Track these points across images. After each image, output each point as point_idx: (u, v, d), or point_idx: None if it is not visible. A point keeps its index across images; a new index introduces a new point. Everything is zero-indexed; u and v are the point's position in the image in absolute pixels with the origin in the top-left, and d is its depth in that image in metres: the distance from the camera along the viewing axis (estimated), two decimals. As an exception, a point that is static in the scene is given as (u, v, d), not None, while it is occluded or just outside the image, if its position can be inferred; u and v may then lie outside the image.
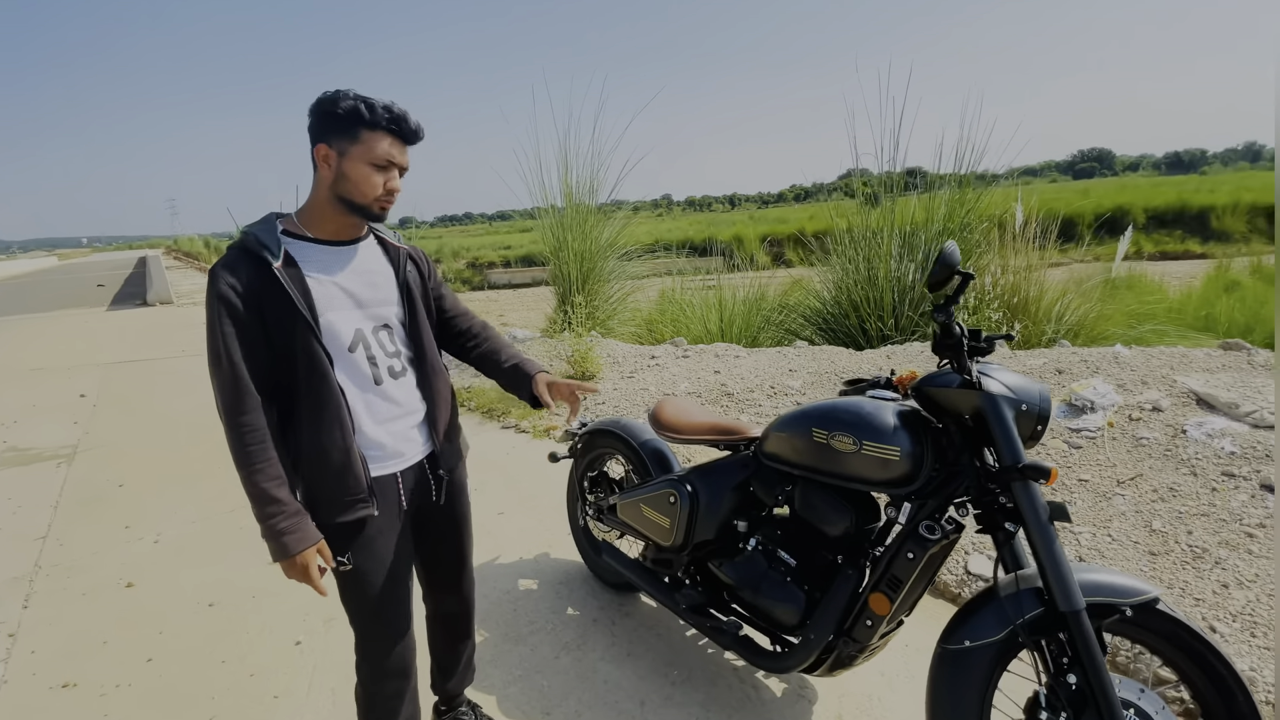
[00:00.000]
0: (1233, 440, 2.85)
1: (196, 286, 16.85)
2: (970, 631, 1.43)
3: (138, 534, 3.23)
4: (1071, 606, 1.32)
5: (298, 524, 1.29)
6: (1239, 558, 2.27)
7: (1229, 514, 2.47)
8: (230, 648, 2.32)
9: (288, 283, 1.28)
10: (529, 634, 2.29)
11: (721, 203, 76.35)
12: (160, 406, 5.58)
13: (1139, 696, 1.35)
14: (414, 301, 1.50)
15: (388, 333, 1.46)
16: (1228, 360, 3.75)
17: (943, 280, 1.37)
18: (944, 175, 6.51)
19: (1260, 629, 2.00)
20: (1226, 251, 19.15)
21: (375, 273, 1.45)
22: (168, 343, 8.75)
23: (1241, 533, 2.37)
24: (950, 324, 1.40)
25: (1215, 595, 2.14)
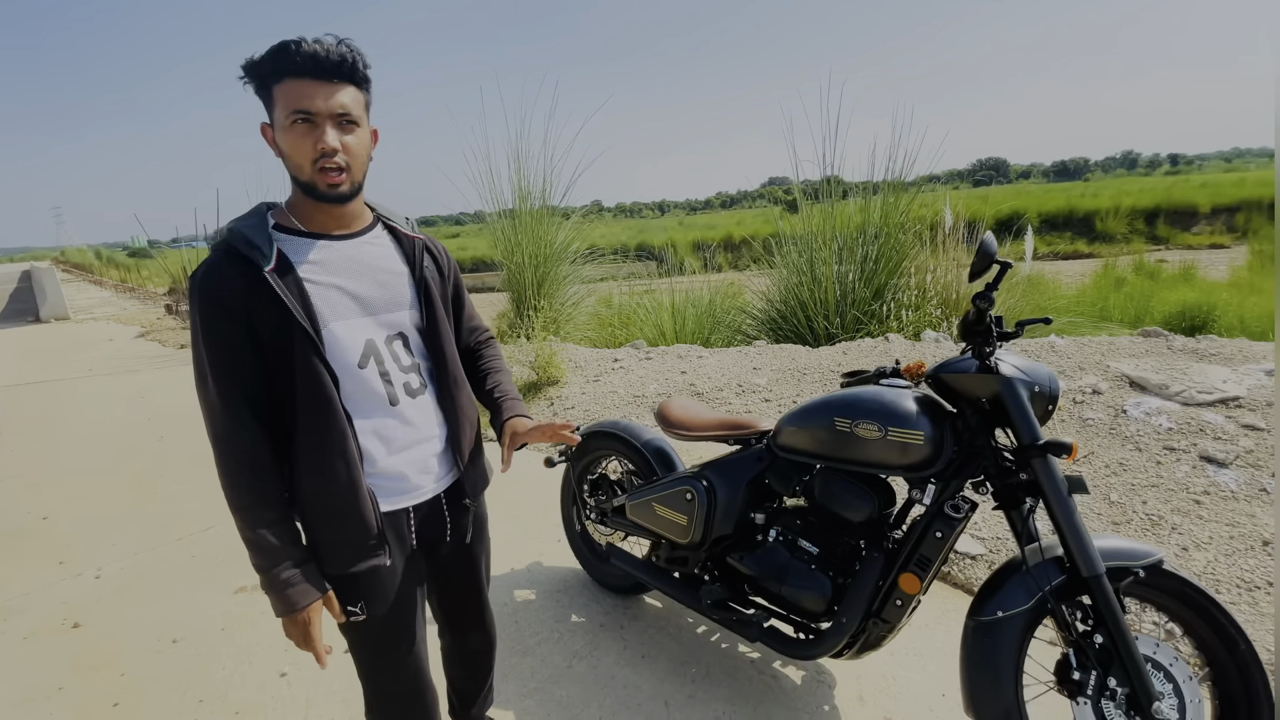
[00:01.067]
0: (1169, 418, 3.13)
1: (94, 301, 15.47)
2: (1000, 602, 1.50)
3: (74, 569, 2.92)
4: (1093, 571, 1.41)
5: (302, 574, 1.12)
6: (1191, 523, 2.49)
7: (1175, 484, 2.71)
8: (206, 686, 2.13)
9: (282, 289, 1.08)
10: (536, 645, 2.23)
11: (651, 209, 77.18)
12: (76, 430, 5.08)
13: (1155, 651, 1.46)
14: (432, 303, 1.29)
15: (403, 343, 1.25)
16: (1149, 346, 4.12)
17: (983, 269, 1.44)
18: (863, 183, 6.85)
19: (1223, 585, 2.20)
20: (1111, 251, 21.06)
21: (386, 270, 1.24)
22: (71, 361, 7.98)
23: (1190, 500, 2.60)
24: (986, 311, 1.47)
25: (1178, 558, 2.34)
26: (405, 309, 1.26)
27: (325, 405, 1.12)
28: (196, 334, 1.10)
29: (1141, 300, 9.66)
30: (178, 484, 3.79)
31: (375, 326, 1.21)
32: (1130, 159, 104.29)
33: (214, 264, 1.10)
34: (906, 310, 6.08)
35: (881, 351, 4.77)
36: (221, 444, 1.10)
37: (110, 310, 13.40)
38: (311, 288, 1.13)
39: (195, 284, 1.10)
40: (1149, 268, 13.54)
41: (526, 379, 5.00)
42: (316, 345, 1.11)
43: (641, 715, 1.90)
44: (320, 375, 1.11)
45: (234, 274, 1.08)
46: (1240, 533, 2.38)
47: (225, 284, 1.08)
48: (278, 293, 1.07)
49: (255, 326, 1.09)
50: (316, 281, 1.14)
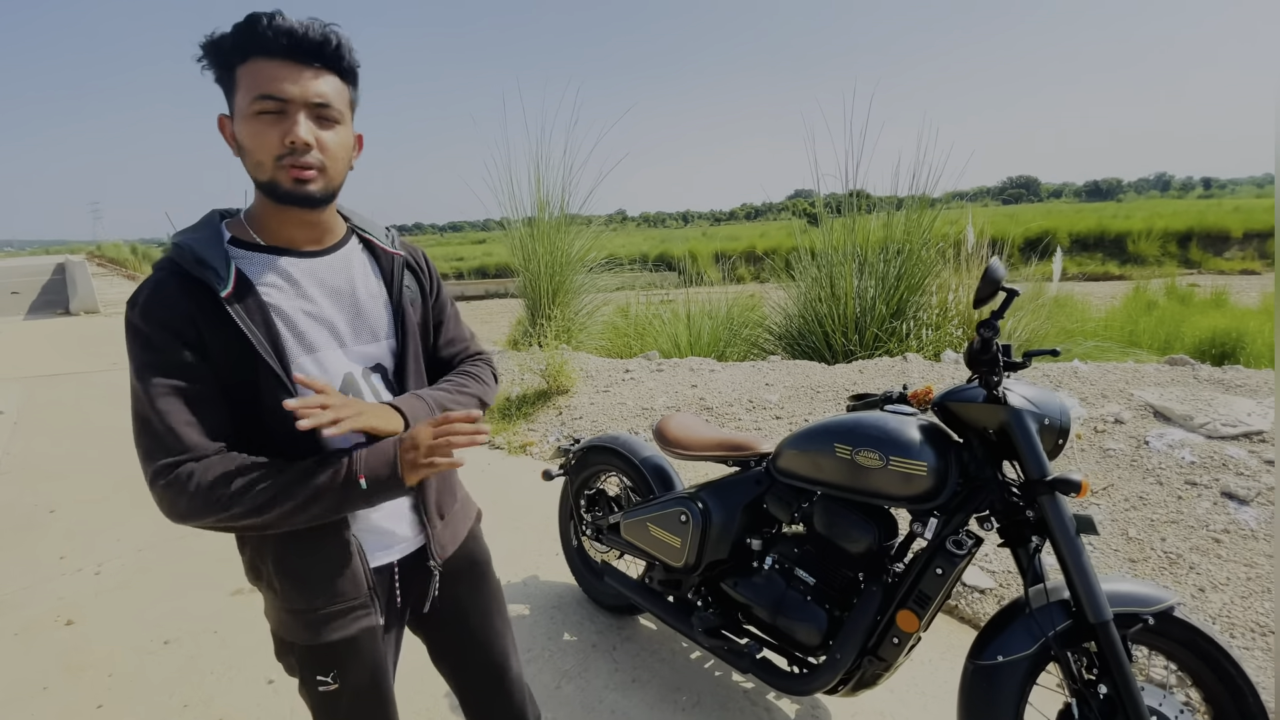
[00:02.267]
0: (1191, 450, 3.01)
1: (125, 295, 15.83)
2: (1002, 646, 1.43)
3: (75, 565, 2.94)
4: (1100, 617, 1.33)
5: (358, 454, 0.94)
6: (1210, 562, 2.37)
7: (1195, 520, 2.59)
8: (193, 690, 2.12)
9: (242, 318, 0.91)
10: (527, 663, 2.18)
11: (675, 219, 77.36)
12: (92, 424, 5.16)
13: (1161, 702, 1.38)
14: (407, 332, 1.11)
15: (381, 376, 1.08)
16: (1175, 375, 3.98)
17: (988, 295, 1.38)
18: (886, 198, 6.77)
19: (1238, 629, 2.09)
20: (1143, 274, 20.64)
21: (360, 293, 1.06)
22: (96, 354, 8.15)
23: (1209, 538, 2.48)
24: (992, 340, 1.41)
25: (1194, 599, 2.23)
26: (383, 338, 1.09)
27: (303, 445, 0.95)
28: (142, 371, 0.88)
29: (1172, 325, 9.42)
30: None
31: (351, 359, 1.04)
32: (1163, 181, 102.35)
33: (158, 289, 0.90)
34: (927, 329, 5.97)
35: (899, 371, 4.67)
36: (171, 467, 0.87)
37: (139, 305, 13.71)
38: (277, 316, 0.96)
39: (136, 310, 0.89)
40: (1180, 292, 13.21)
41: (537, 387, 4.98)
42: (286, 384, 0.93)
43: (627, 743, 1.85)
44: (283, 423, 0.90)
45: (184, 300, 0.89)
46: (1258, 574, 2.26)
47: (173, 308, 0.89)
48: (237, 323, 0.90)
49: (211, 359, 0.91)
50: (282, 308, 0.97)
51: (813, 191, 7.26)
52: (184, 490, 0.86)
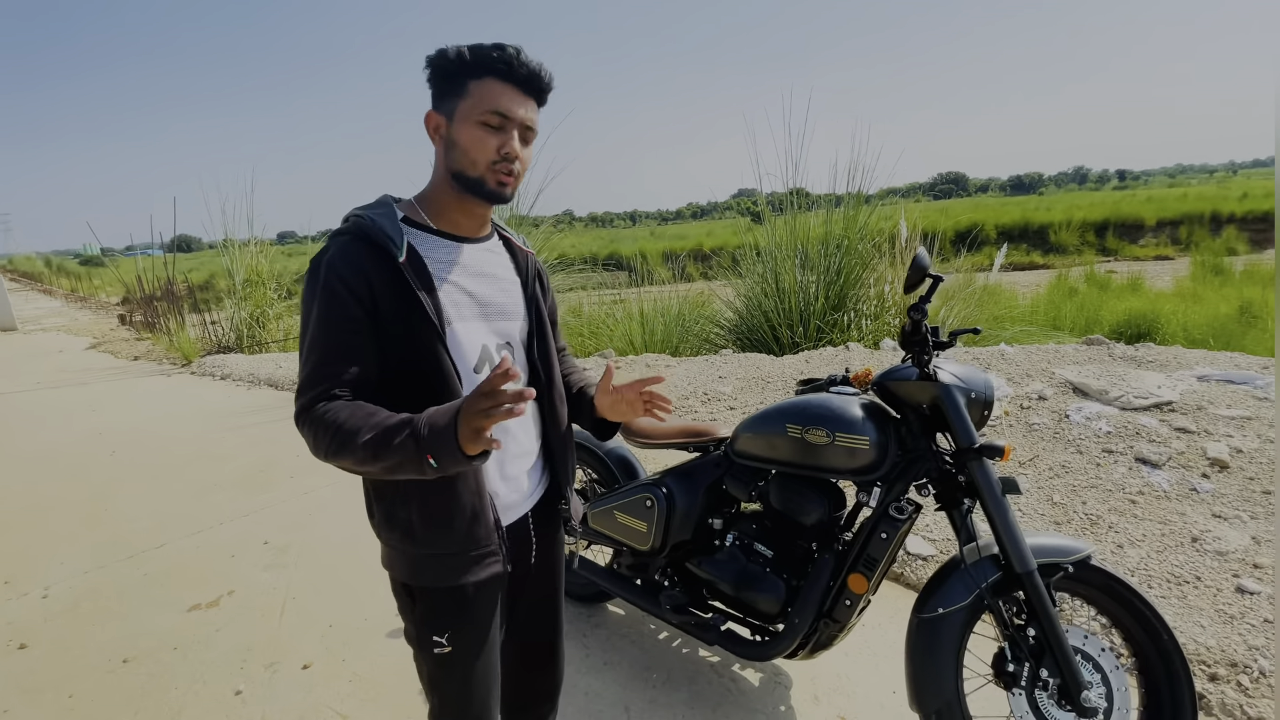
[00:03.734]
0: (1108, 422, 3.29)
1: (43, 311, 14.89)
2: (942, 599, 1.58)
3: (21, 589, 2.82)
4: (1026, 567, 1.49)
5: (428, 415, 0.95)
6: (1127, 521, 2.62)
7: (1113, 484, 2.85)
8: (158, 707, 2.09)
9: (416, 283, 1.04)
10: (498, 654, 2.23)
11: (623, 219, 77.48)
12: (23, 445, 4.89)
13: (1084, 642, 1.55)
14: (542, 317, 1.27)
15: (510, 352, 1.20)
16: (1092, 354, 4.32)
17: (916, 282, 1.52)
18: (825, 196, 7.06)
19: (1154, 580, 2.32)
20: (1064, 262, 21.95)
21: (502, 279, 1.21)
22: (19, 374, 7.67)
23: (1126, 500, 2.74)
24: (921, 322, 1.55)
25: (1114, 555, 2.46)
26: (518, 319, 1.23)
27: (452, 399, 1.04)
28: (311, 314, 1.03)
29: (1092, 309, 10.09)
30: (129, 500, 3.69)
31: (489, 332, 1.17)
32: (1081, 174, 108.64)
33: (343, 251, 1.04)
34: (866, 319, 6.26)
35: (843, 360, 4.89)
36: (315, 397, 1.00)
37: (60, 321, 12.93)
38: (438, 285, 1.09)
39: (323, 265, 1.04)
40: (1099, 278, 14.13)
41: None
42: (444, 341, 1.07)
43: (602, 721, 1.93)
44: (447, 371, 1.06)
45: (365, 262, 1.03)
46: (1171, 530, 2.52)
47: (355, 267, 1.02)
48: (410, 284, 1.04)
49: (381, 320, 1.04)
50: (443, 279, 1.11)
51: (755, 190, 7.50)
52: (313, 429, 0.99)
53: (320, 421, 0.98)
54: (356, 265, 1.03)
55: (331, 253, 1.05)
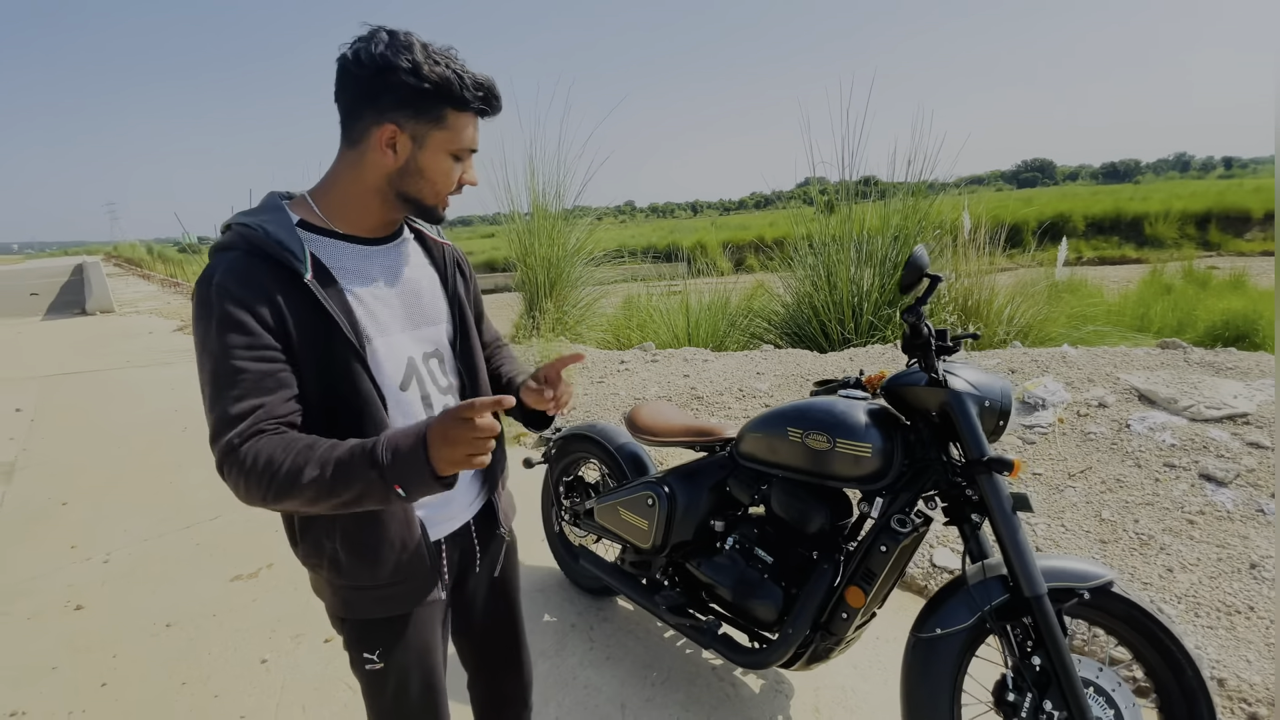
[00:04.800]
0: (1172, 434, 3.02)
1: (140, 294, 16.14)
2: (941, 619, 1.49)
3: (85, 554, 3.07)
4: (1035, 591, 1.38)
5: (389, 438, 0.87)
6: (1181, 543, 2.40)
7: (1171, 502, 2.62)
8: (191, 669, 2.23)
9: (327, 301, 0.95)
10: (505, 642, 2.27)
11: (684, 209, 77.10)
12: (105, 420, 5.33)
13: (1097, 674, 1.43)
14: (465, 316, 1.19)
15: (438, 361, 1.14)
16: (1165, 359, 3.97)
17: (913, 283, 1.43)
18: (898, 184, 6.76)
19: (1203, 609, 2.12)
20: (1160, 257, 20.34)
21: (419, 281, 1.12)
22: (111, 353, 8.35)
23: (1183, 520, 2.51)
24: (920, 324, 1.46)
25: (1161, 579, 2.26)
26: (441, 323, 1.15)
27: (378, 429, 0.97)
28: (216, 347, 0.89)
29: (1186, 309, 9.30)
30: (194, 474, 3.96)
31: (413, 343, 1.09)
32: (1183, 161, 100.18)
33: (235, 269, 0.92)
34: (921, 316, 5.97)
35: (890, 358, 4.70)
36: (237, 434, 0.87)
37: (154, 304, 13.97)
38: (351, 298, 1.00)
39: (213, 290, 0.90)
40: (1199, 275, 13.00)
41: (531, 379, 5.07)
42: (364, 361, 0.98)
43: (597, 717, 1.93)
44: (370, 395, 0.98)
45: (265, 282, 0.92)
46: (1229, 554, 2.29)
47: (255, 289, 0.91)
48: (320, 302, 0.94)
49: (290, 341, 0.93)
50: (355, 292, 1.01)
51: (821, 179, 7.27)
52: (244, 473, 0.86)
53: (251, 465, 0.86)
54: (256, 286, 0.91)
55: (220, 275, 0.91)
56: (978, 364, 4.19)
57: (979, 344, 5.58)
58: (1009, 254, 7.83)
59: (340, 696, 2.06)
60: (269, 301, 0.91)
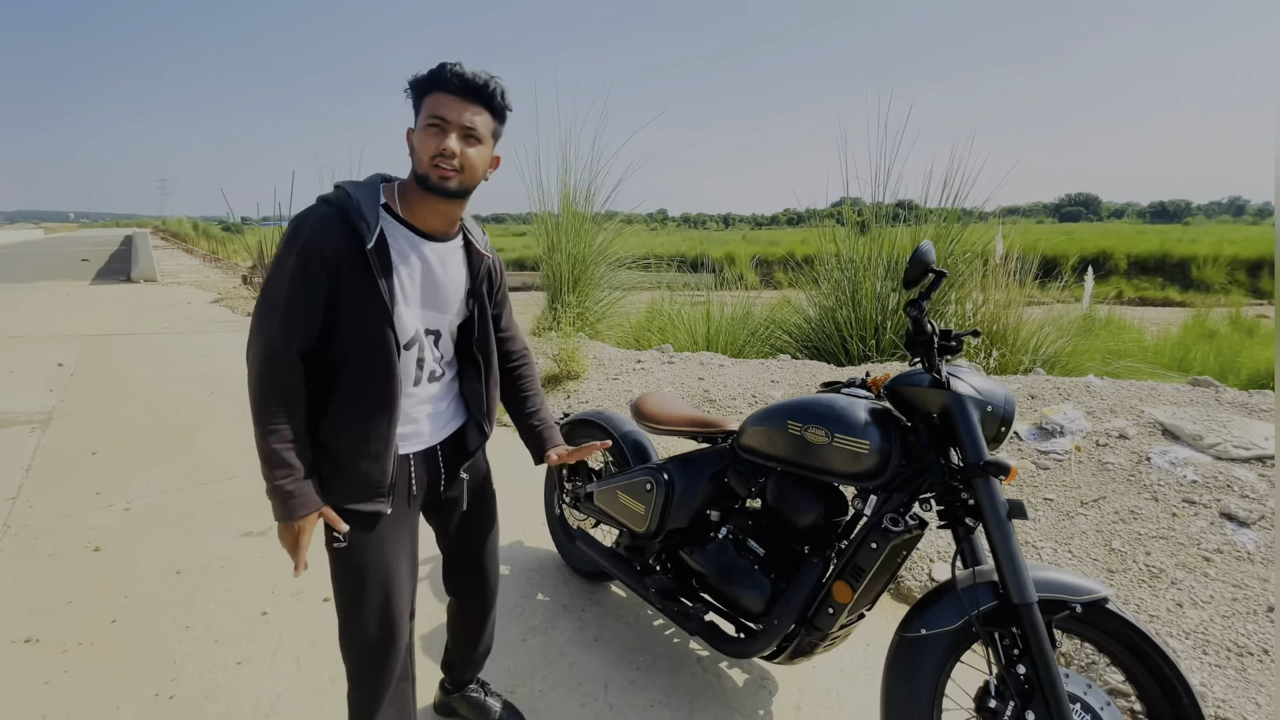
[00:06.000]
0: (1195, 470, 2.95)
1: (183, 267, 16.68)
2: (927, 620, 1.48)
3: (108, 500, 3.20)
4: (1024, 599, 1.37)
5: (304, 488, 1.23)
6: (1195, 579, 2.34)
7: (1187, 538, 2.55)
8: (195, 614, 2.31)
9: (377, 268, 1.23)
10: (499, 616, 2.27)
11: (716, 221, 77.02)
12: (139, 379, 5.52)
13: (1085, 691, 1.40)
14: (483, 311, 1.47)
15: (435, 339, 1.41)
16: (1195, 396, 3.87)
17: (917, 277, 1.43)
18: (933, 209, 6.70)
19: (1211, 647, 2.06)
20: (1206, 301, 19.72)
21: (452, 277, 1.40)
22: (150, 319, 8.66)
23: (1199, 556, 2.44)
24: (922, 320, 1.46)
25: (1169, 613, 2.20)
26: (449, 313, 1.42)
27: (386, 369, 1.27)
28: (286, 269, 1.20)
29: (1229, 354, 8.99)
30: (217, 435, 4.09)
31: (420, 319, 1.36)
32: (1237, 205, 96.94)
33: (324, 221, 1.22)
34: (945, 339, 5.89)
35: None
36: (265, 367, 1.21)
37: (195, 277, 14.43)
38: (394, 273, 1.28)
39: (303, 227, 1.22)
40: (1246, 322, 12.55)
41: (548, 370, 5.12)
42: (391, 320, 1.26)
43: (579, 694, 1.95)
44: (389, 344, 1.26)
45: (339, 238, 1.21)
46: (1246, 595, 2.22)
47: (331, 242, 1.21)
48: (372, 270, 1.23)
49: (341, 288, 1.23)
50: (399, 269, 1.29)
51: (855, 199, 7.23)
52: (250, 382, 1.22)
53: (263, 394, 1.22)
54: (332, 240, 1.21)
55: (311, 220, 1.22)
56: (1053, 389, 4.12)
57: (1000, 369, 5.49)
58: (1043, 286, 7.68)
59: (334, 653, 2.09)
60: (336, 252, 1.21)
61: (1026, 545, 2.67)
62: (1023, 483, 3.12)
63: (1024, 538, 2.73)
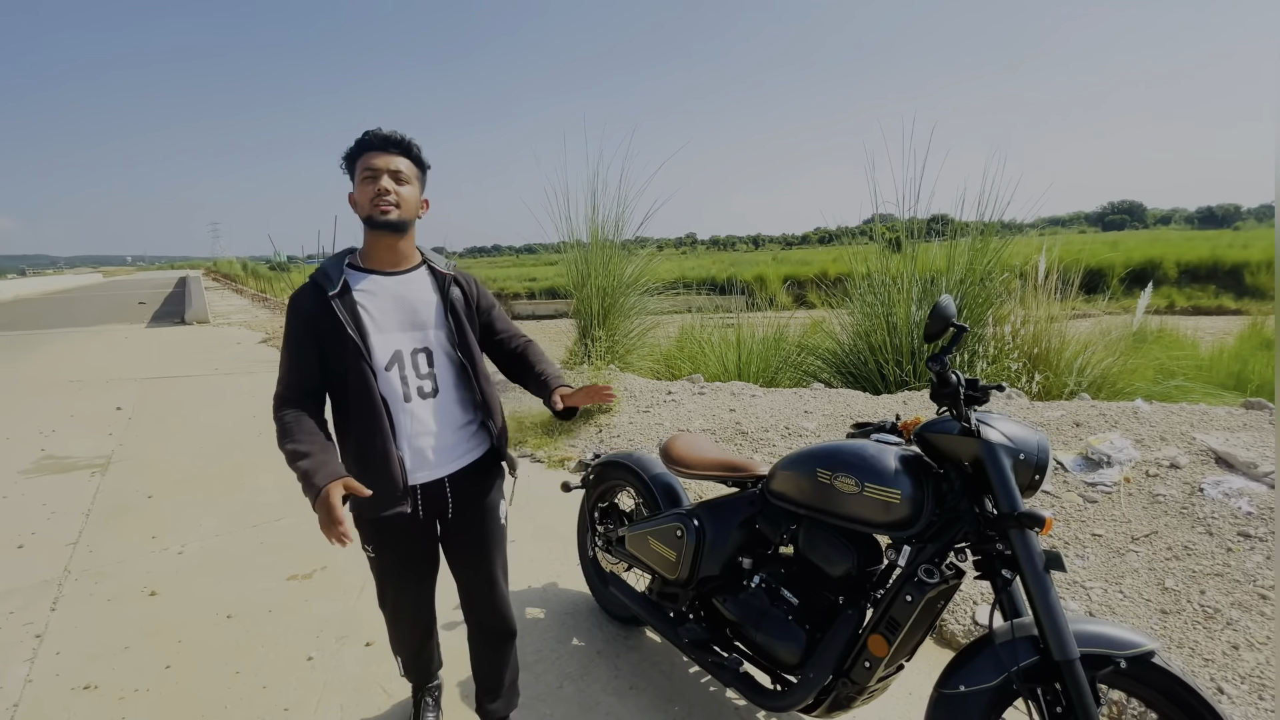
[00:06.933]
0: (1250, 500, 2.82)
1: (233, 308, 17.41)
2: (966, 677, 1.45)
3: (163, 544, 3.34)
4: (1065, 655, 1.34)
5: (323, 462, 1.43)
6: (1251, 619, 2.23)
7: (1243, 575, 2.44)
8: (245, 659, 2.39)
9: (340, 309, 1.53)
10: (534, 662, 2.32)
11: (746, 242, 76.98)
12: (192, 422, 5.77)
13: (1134, 751, 1.35)
14: (460, 322, 1.67)
15: (425, 356, 1.63)
16: (1249, 419, 3.71)
17: (938, 332, 1.43)
18: (969, 223, 6.59)
19: (1268, 691, 1.96)
20: (1262, 309, 18.84)
21: (420, 300, 1.63)
22: (202, 361, 9.05)
23: (1255, 594, 2.33)
24: (946, 373, 1.46)
25: (1225, 656, 2.10)
26: (430, 329, 1.64)
27: (367, 394, 1.54)
28: (286, 332, 1.58)
29: (1289, 365, 8.53)
30: (265, 477, 4.24)
31: (403, 341, 1.61)
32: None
33: (304, 287, 1.59)
34: (983, 361, 5.77)
35: (944, 404, 4.55)
36: (277, 404, 1.56)
37: (244, 317, 15.06)
38: (362, 310, 1.56)
39: (293, 300, 1.60)
40: (1307, 330, 11.93)
41: (581, 405, 5.17)
42: (362, 351, 1.53)
43: (616, 744, 1.94)
44: (364, 372, 1.53)
45: (313, 296, 1.55)
46: (1309, 638, 2.11)
47: (306, 302, 1.55)
48: (335, 312, 1.53)
49: (320, 333, 1.54)
50: (366, 306, 1.57)
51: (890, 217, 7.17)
52: (275, 414, 1.55)
53: (279, 421, 1.53)
54: (309, 304, 1.55)
55: (298, 294, 1.59)
56: (1033, 418, 4.02)
57: (1044, 395, 5.34)
58: (1088, 299, 7.44)
59: (376, 700, 2.16)
60: (311, 309, 1.54)
61: (1075, 585, 2.58)
62: (1070, 517, 3.03)
63: (1073, 577, 2.64)
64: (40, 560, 3.19)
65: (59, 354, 9.81)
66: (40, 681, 2.29)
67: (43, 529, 3.56)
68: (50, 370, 8.43)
